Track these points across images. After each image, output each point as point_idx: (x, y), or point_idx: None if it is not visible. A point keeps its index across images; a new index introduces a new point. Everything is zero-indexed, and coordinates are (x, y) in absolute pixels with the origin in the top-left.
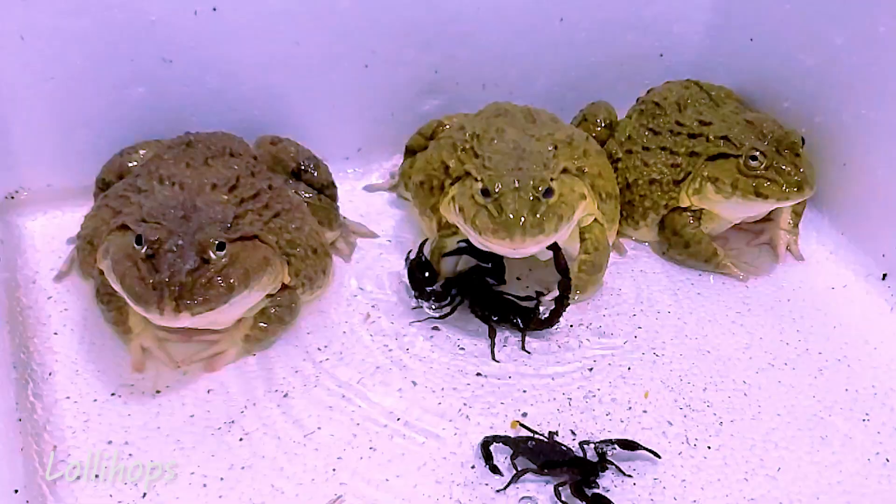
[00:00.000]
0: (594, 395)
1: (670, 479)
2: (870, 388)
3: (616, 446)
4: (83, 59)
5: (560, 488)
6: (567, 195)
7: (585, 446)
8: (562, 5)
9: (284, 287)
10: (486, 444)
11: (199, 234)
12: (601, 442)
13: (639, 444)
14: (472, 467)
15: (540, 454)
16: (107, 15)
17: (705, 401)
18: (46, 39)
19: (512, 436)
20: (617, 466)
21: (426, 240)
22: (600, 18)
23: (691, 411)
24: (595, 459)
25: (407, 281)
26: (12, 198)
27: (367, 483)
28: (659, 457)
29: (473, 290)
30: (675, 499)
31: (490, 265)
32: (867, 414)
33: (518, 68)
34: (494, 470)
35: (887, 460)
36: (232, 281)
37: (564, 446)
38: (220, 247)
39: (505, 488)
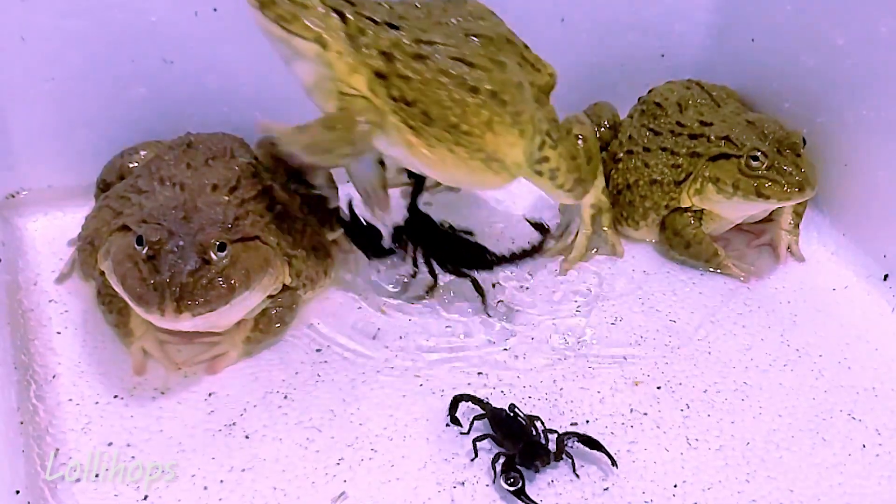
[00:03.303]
0: (596, 397)
1: (671, 480)
2: (870, 389)
3: (576, 440)
4: (83, 60)
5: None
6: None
7: (550, 435)
8: (563, 6)
9: (285, 288)
10: (456, 400)
11: (199, 234)
12: (565, 433)
13: (600, 445)
14: (473, 463)
15: (504, 426)
16: (107, 15)
17: (706, 401)
18: (47, 40)
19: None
20: (572, 460)
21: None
22: (601, 19)
23: (692, 412)
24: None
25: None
26: (13, 197)
27: (368, 485)
28: (615, 464)
29: (424, 235)
30: (675, 499)
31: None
32: (868, 415)
33: None
34: (455, 421)
35: (888, 462)
36: (233, 282)
37: (535, 429)
38: (221, 247)
39: (473, 458)
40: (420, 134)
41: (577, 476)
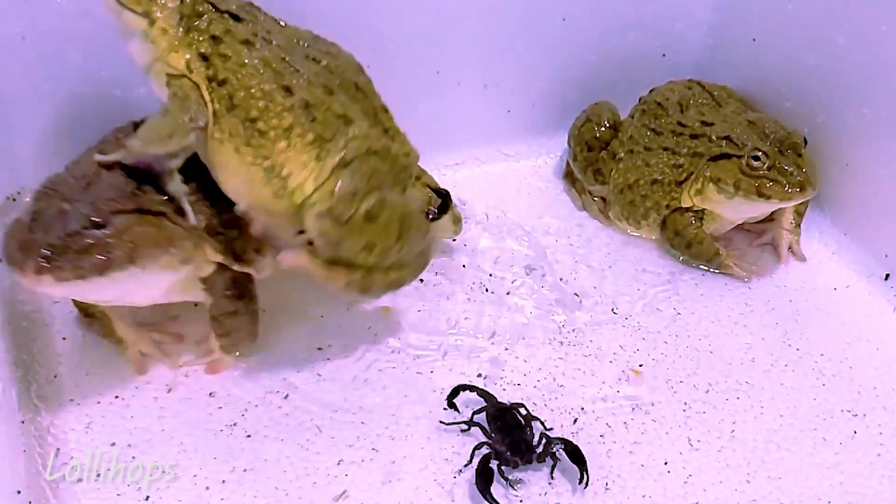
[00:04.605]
0: (597, 395)
1: (672, 480)
2: (871, 388)
3: (561, 447)
4: (84, 60)
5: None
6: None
7: (544, 438)
8: (564, 5)
9: (225, 270)
10: (458, 388)
11: (88, 198)
12: (554, 438)
13: (581, 460)
14: (474, 463)
15: (501, 419)
16: (108, 15)
17: (707, 401)
18: (47, 40)
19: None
20: (554, 463)
21: None
22: (602, 18)
23: (693, 412)
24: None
25: None
26: (14, 200)
27: (369, 485)
28: (582, 480)
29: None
30: (676, 499)
31: None
32: (869, 415)
33: (520, 68)
34: (452, 406)
35: (889, 461)
36: (113, 254)
37: (531, 428)
38: (101, 215)
39: (451, 423)
40: (218, 121)
41: (552, 478)
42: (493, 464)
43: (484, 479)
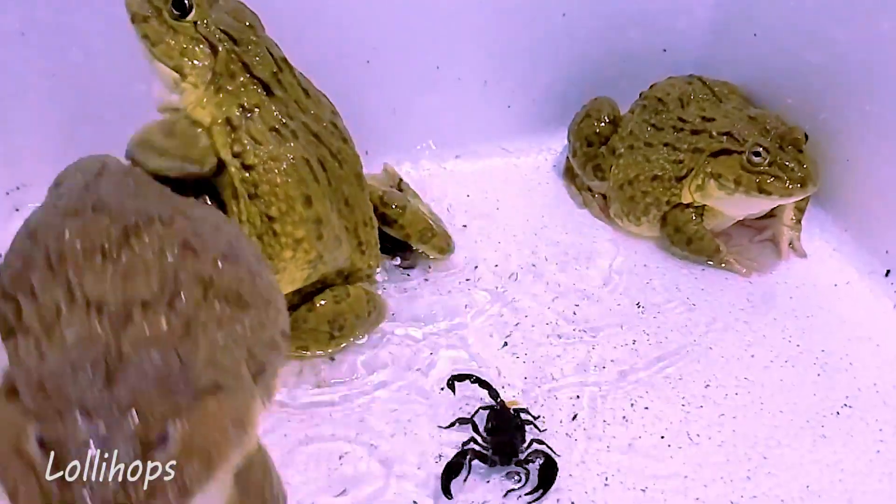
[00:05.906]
0: (595, 392)
1: (673, 478)
2: (872, 386)
3: (540, 460)
4: (84, 56)
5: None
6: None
7: (534, 444)
8: (564, 1)
9: None
10: (463, 376)
11: (124, 400)
12: (541, 451)
13: (547, 478)
14: (473, 462)
15: (495, 420)
16: (108, 11)
17: (707, 397)
18: (47, 35)
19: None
20: (527, 475)
21: None
22: (603, 14)
23: (693, 407)
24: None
25: None
26: (12, 193)
27: (369, 482)
28: (534, 492)
29: None
30: (676, 495)
31: None
32: (869, 412)
33: (520, 64)
34: (451, 387)
35: (889, 459)
36: (188, 480)
37: (522, 434)
38: (163, 438)
39: (448, 426)
40: (239, 202)
41: (514, 489)
42: (466, 459)
43: (448, 472)
